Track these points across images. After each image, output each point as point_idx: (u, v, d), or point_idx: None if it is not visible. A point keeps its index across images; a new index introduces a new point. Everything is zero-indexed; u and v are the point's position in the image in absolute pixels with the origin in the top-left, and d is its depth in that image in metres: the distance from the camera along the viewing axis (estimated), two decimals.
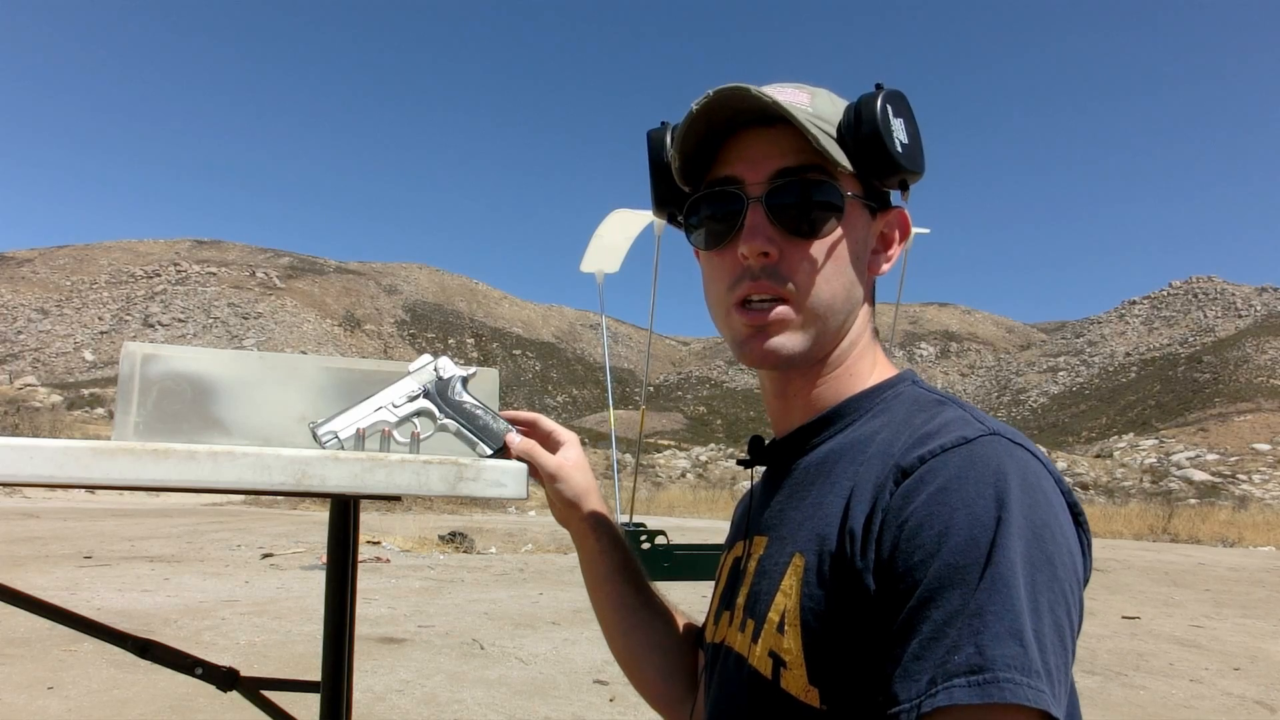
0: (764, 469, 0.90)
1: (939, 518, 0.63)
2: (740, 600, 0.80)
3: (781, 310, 0.79)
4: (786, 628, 0.71)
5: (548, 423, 1.04)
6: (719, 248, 0.82)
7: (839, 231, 0.79)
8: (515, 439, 0.99)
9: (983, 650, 0.58)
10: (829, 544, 0.70)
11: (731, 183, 0.80)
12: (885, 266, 0.84)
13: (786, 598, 0.72)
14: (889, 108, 0.77)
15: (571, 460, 1.01)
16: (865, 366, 0.84)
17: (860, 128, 0.77)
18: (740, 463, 0.91)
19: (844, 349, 0.82)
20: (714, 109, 0.78)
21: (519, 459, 0.96)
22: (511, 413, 1.03)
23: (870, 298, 0.85)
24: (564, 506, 1.01)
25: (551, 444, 1.03)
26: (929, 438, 0.69)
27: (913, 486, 0.66)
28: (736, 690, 0.77)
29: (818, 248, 0.78)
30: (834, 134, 0.79)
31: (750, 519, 0.87)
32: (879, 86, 0.79)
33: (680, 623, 1.07)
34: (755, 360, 0.80)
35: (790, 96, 0.79)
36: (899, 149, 0.77)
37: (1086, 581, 0.68)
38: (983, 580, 0.60)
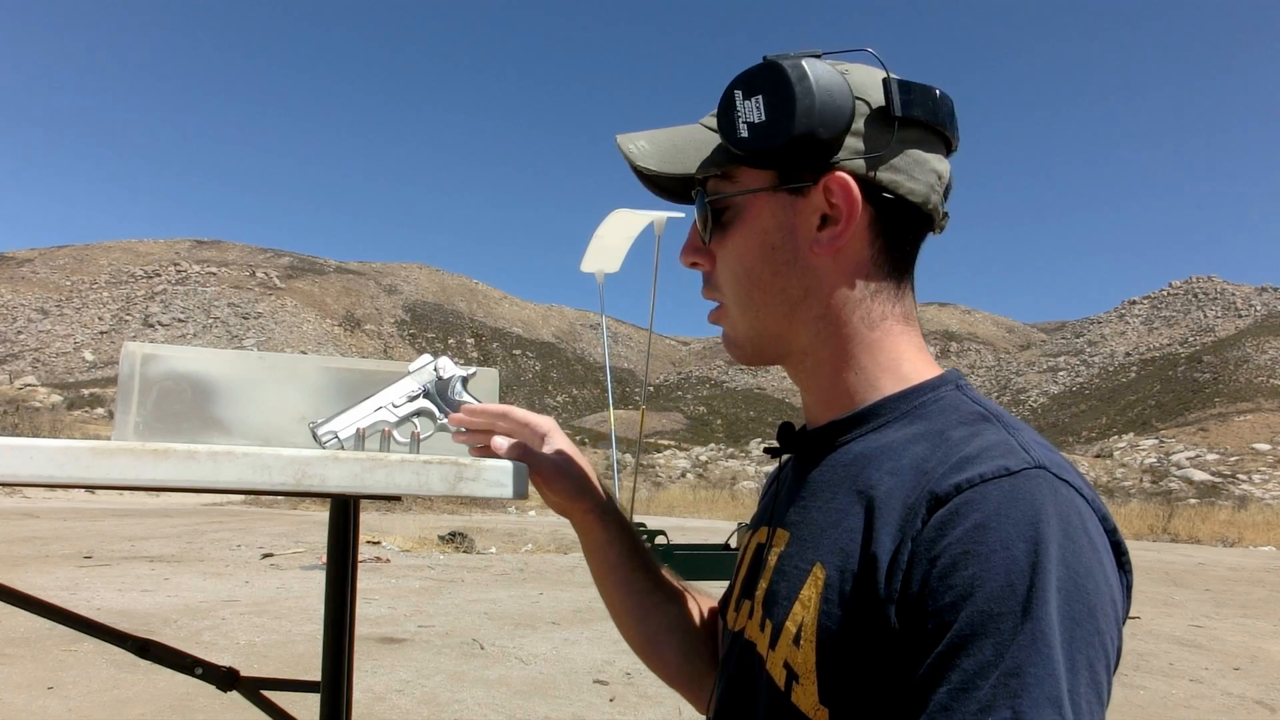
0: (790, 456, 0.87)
1: (974, 559, 0.60)
2: (759, 594, 0.77)
3: (717, 314, 0.82)
4: (803, 642, 0.68)
5: (519, 412, 1.00)
6: None
7: (744, 227, 0.77)
8: (503, 444, 0.95)
9: (1021, 717, 0.56)
10: (851, 562, 0.67)
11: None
12: (836, 243, 0.75)
13: (805, 610, 0.69)
14: (739, 93, 0.74)
15: (567, 449, 0.99)
16: (880, 359, 0.77)
17: (718, 123, 0.76)
18: (768, 450, 0.87)
19: (815, 341, 0.78)
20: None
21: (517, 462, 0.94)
22: (480, 406, 1.00)
23: (839, 283, 0.76)
24: (566, 499, 0.98)
25: (531, 435, 0.99)
26: (967, 463, 0.64)
27: (947, 519, 0.62)
28: (753, 692, 0.75)
29: (725, 250, 0.79)
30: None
31: (776, 508, 0.84)
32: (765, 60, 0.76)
33: (695, 599, 1.04)
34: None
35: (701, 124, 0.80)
36: (744, 134, 0.74)
37: (1124, 621, 0.65)
38: (1020, 634, 0.57)
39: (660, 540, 9.36)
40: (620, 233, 9.85)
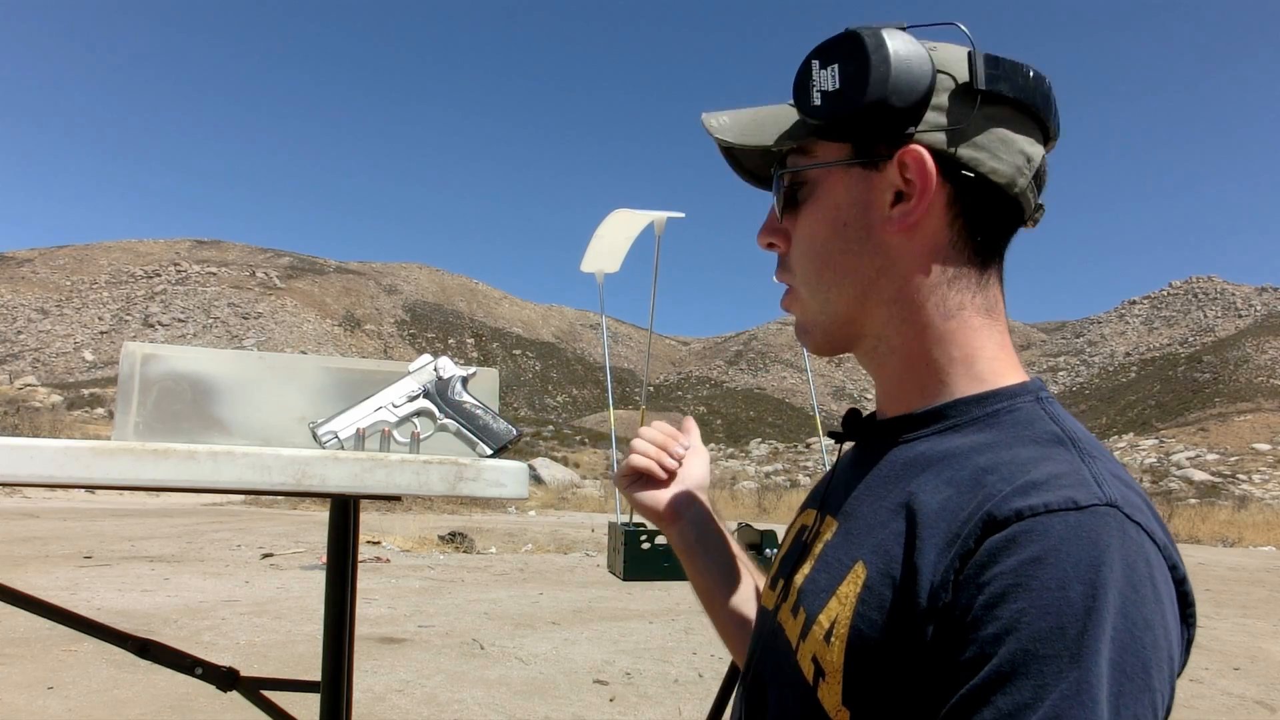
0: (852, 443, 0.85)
1: (1026, 593, 0.56)
2: (798, 580, 0.75)
3: (788, 298, 0.80)
4: (833, 639, 0.66)
5: (683, 442, 1.00)
6: None
7: (817, 203, 0.76)
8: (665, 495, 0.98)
9: None
10: (894, 567, 0.65)
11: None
12: (909, 220, 0.72)
13: (841, 606, 0.67)
14: (816, 62, 0.73)
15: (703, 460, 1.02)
16: (953, 353, 0.73)
17: (794, 91, 0.75)
18: (831, 435, 0.85)
19: (888, 326, 0.75)
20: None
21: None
22: (676, 446, 1.00)
23: (914, 265, 0.73)
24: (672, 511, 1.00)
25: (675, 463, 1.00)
26: (1032, 489, 0.60)
27: (1001, 545, 0.58)
28: (783, 680, 0.74)
29: (799, 227, 0.77)
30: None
31: (828, 493, 0.81)
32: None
33: None
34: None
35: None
36: (817, 101, 0.72)
37: (1180, 673, 0.62)
38: (1064, 681, 0.54)
39: (660, 540, 9.35)
40: (620, 233, 9.82)
